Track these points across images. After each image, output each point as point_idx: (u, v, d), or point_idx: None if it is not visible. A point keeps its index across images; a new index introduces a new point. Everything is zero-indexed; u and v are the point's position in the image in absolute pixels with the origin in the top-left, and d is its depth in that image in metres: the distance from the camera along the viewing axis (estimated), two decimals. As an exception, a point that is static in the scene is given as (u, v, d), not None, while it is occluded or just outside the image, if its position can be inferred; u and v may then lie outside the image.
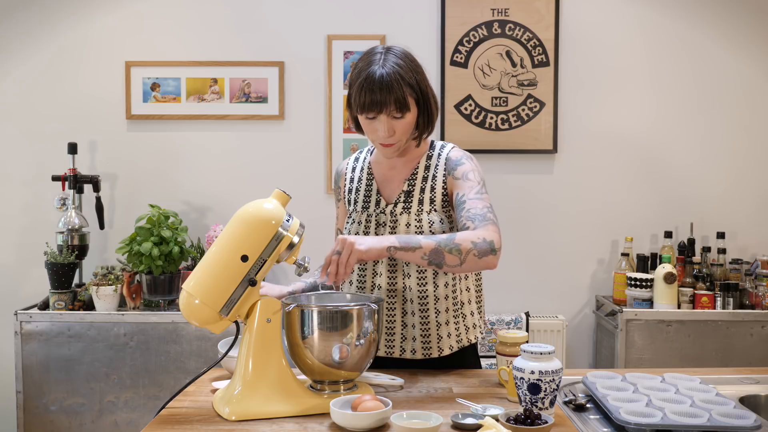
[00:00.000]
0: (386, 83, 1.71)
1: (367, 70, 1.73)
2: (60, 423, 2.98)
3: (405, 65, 1.75)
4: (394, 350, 1.86)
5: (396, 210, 1.83)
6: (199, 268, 1.54)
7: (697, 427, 1.44)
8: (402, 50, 1.79)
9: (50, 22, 3.37)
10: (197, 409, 1.58)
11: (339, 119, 3.39)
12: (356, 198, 1.91)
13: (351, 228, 1.89)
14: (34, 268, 3.35)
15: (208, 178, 3.42)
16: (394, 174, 1.89)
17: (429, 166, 1.86)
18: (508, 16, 3.36)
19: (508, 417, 1.42)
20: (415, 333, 1.84)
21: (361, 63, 1.78)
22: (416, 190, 1.84)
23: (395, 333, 1.85)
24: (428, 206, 1.82)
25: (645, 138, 3.41)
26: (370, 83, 1.71)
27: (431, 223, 1.80)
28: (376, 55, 1.76)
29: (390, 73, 1.71)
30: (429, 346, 1.85)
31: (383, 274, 1.84)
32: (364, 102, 1.73)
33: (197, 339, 2.97)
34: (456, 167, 1.82)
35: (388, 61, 1.73)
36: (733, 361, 2.99)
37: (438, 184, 1.83)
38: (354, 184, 1.93)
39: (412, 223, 1.81)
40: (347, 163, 1.99)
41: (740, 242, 3.41)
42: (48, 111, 3.39)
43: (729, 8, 3.38)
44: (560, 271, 3.44)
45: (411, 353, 1.85)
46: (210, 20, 3.38)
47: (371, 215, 1.86)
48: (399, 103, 1.72)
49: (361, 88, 1.73)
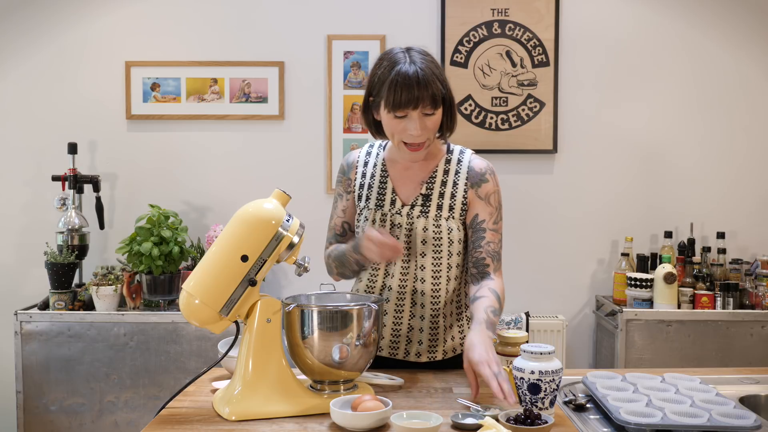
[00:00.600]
0: (422, 78, 1.69)
1: (397, 68, 1.70)
2: (60, 423, 2.98)
3: (431, 61, 1.75)
4: (398, 352, 1.86)
5: (413, 212, 1.82)
6: (199, 268, 1.54)
7: (697, 427, 1.44)
8: (422, 48, 1.78)
9: (50, 22, 3.37)
10: (197, 409, 1.58)
11: (339, 119, 3.39)
12: (369, 194, 1.88)
13: (363, 226, 1.86)
14: (34, 268, 3.35)
15: (208, 178, 3.42)
16: (409, 174, 1.86)
17: (448, 171, 1.84)
18: (508, 16, 3.36)
19: (508, 417, 1.42)
20: (422, 336, 1.84)
21: (385, 62, 1.74)
22: (435, 194, 1.82)
23: (401, 335, 1.85)
24: (447, 213, 1.81)
25: (645, 138, 3.41)
26: (405, 79, 1.68)
27: (450, 230, 1.81)
28: (399, 54, 1.74)
29: (423, 68, 1.70)
30: (435, 350, 1.85)
31: (395, 275, 1.83)
32: (400, 99, 1.69)
33: (197, 339, 2.97)
34: (480, 183, 1.83)
35: (416, 58, 1.72)
36: (733, 361, 2.99)
37: (459, 193, 1.82)
38: (366, 179, 1.90)
39: (429, 228, 1.80)
40: (358, 155, 1.94)
41: (740, 242, 3.41)
42: (48, 111, 3.39)
43: (729, 8, 3.38)
44: (560, 271, 3.44)
45: (416, 356, 1.86)
46: (210, 20, 3.38)
47: (386, 215, 1.84)
48: (433, 99, 1.71)
49: (395, 84, 1.69)
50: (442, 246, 1.80)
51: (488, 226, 1.82)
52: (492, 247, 1.82)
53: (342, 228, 1.95)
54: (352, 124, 3.39)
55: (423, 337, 1.84)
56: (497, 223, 1.84)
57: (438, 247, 1.80)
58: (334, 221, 1.96)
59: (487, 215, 1.83)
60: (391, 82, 1.70)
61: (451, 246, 1.81)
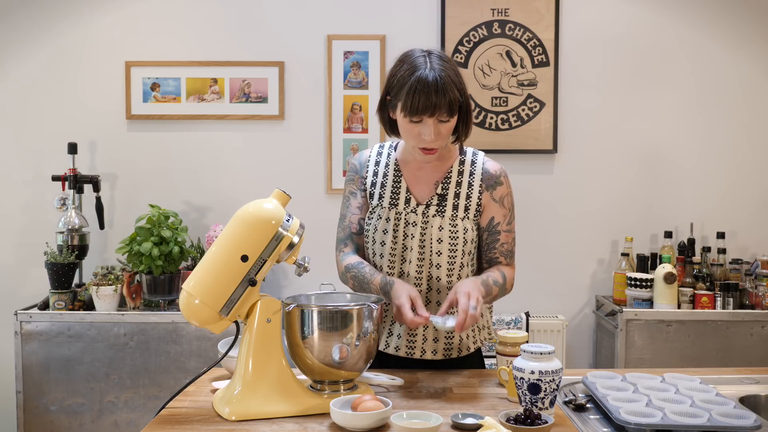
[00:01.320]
0: (441, 86, 1.69)
1: (417, 73, 1.70)
2: (60, 423, 2.98)
3: (451, 68, 1.74)
4: (414, 351, 1.86)
5: (429, 212, 1.83)
6: (199, 268, 1.54)
7: (697, 427, 1.44)
8: (441, 53, 1.78)
9: (50, 22, 3.37)
10: (197, 409, 1.58)
11: (339, 119, 3.39)
12: (382, 193, 1.88)
13: (377, 224, 1.85)
14: (34, 268, 3.34)
15: (208, 178, 3.42)
16: (423, 174, 1.87)
17: (462, 172, 1.87)
18: (508, 16, 3.36)
19: (508, 417, 1.42)
20: (438, 335, 1.85)
21: (405, 65, 1.74)
22: (450, 194, 1.85)
23: (417, 333, 1.85)
24: (462, 213, 1.84)
25: (645, 138, 3.41)
26: (424, 86, 1.69)
27: (465, 230, 1.83)
28: (419, 58, 1.74)
29: (443, 75, 1.70)
30: (450, 347, 1.86)
31: (410, 274, 1.84)
32: (417, 105, 1.70)
33: (197, 339, 2.97)
34: (495, 186, 1.87)
35: (435, 64, 1.72)
36: (733, 361, 2.99)
37: (474, 194, 1.85)
38: (378, 178, 1.90)
39: (445, 227, 1.82)
40: (369, 154, 1.95)
41: (740, 242, 3.41)
42: (48, 111, 3.39)
43: (729, 8, 3.38)
44: (560, 271, 3.44)
45: (432, 354, 1.86)
46: (210, 20, 3.38)
47: (401, 213, 1.85)
48: (450, 107, 1.71)
49: (414, 90, 1.69)
50: (457, 245, 1.82)
51: (503, 228, 1.88)
52: (506, 248, 1.90)
53: (358, 225, 1.92)
54: (352, 124, 3.39)
55: (439, 335, 1.85)
56: (510, 223, 1.91)
57: (454, 246, 1.82)
58: (349, 219, 1.93)
59: (501, 217, 1.88)
60: (410, 86, 1.70)
61: (465, 246, 1.84)
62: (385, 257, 1.85)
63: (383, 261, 1.86)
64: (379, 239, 1.86)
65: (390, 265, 1.85)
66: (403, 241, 1.84)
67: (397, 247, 1.84)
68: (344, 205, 1.95)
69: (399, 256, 1.84)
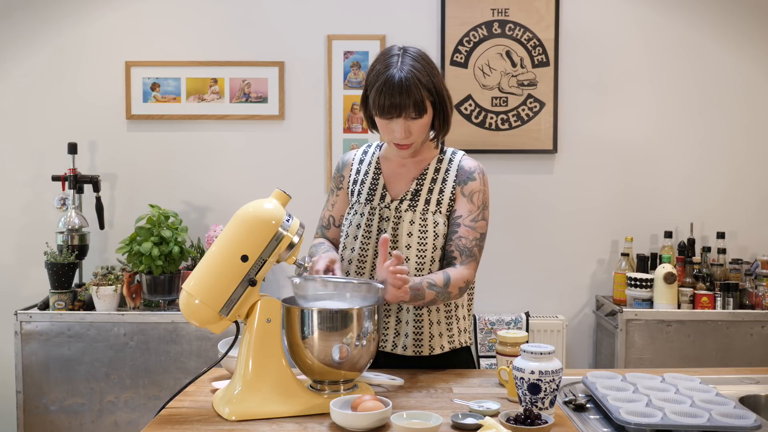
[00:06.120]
0: (405, 87, 1.73)
1: (385, 74, 1.74)
2: (60, 423, 2.98)
3: (422, 68, 1.77)
4: (386, 344, 1.88)
5: (401, 207, 1.86)
6: (199, 268, 1.54)
7: (697, 427, 1.44)
8: (418, 51, 1.81)
9: (50, 22, 3.37)
10: (197, 409, 1.58)
11: (339, 119, 3.39)
12: (361, 189, 1.93)
13: (353, 219, 1.90)
14: (34, 268, 3.34)
15: (208, 178, 3.42)
16: (402, 172, 1.91)
17: (439, 169, 1.89)
18: (508, 16, 3.36)
19: (508, 417, 1.42)
20: (408, 329, 1.86)
21: (378, 65, 1.79)
22: (424, 190, 1.87)
23: (389, 327, 1.87)
24: (434, 207, 1.85)
25: (645, 138, 3.41)
26: (390, 87, 1.73)
27: (436, 224, 1.84)
28: (393, 57, 1.77)
29: (408, 77, 1.73)
30: (420, 344, 1.86)
31: None
32: (384, 105, 1.75)
33: (197, 339, 2.97)
34: (467, 181, 1.87)
35: (406, 64, 1.75)
36: (733, 361, 2.99)
37: (447, 189, 1.86)
38: (360, 175, 1.95)
39: (416, 221, 1.83)
40: (354, 154, 2.01)
41: (740, 242, 3.41)
42: (48, 111, 3.39)
43: (729, 8, 3.38)
44: (560, 271, 3.44)
45: (402, 349, 1.86)
46: (210, 20, 3.38)
47: (375, 209, 1.88)
48: (417, 106, 1.75)
49: (381, 91, 1.74)
50: (427, 239, 1.83)
51: (464, 222, 1.84)
52: (463, 243, 1.82)
53: (328, 221, 2.01)
54: (352, 124, 3.39)
55: (409, 330, 1.86)
56: (476, 221, 1.85)
57: (423, 239, 1.83)
58: (323, 214, 2.04)
59: (465, 212, 1.85)
60: (378, 87, 1.75)
61: (436, 240, 1.84)
62: (356, 251, 1.88)
63: (354, 255, 1.88)
64: (352, 234, 1.90)
65: (361, 259, 1.87)
66: (376, 235, 1.86)
67: (369, 242, 1.86)
68: (326, 200, 2.06)
69: (371, 250, 1.87)
